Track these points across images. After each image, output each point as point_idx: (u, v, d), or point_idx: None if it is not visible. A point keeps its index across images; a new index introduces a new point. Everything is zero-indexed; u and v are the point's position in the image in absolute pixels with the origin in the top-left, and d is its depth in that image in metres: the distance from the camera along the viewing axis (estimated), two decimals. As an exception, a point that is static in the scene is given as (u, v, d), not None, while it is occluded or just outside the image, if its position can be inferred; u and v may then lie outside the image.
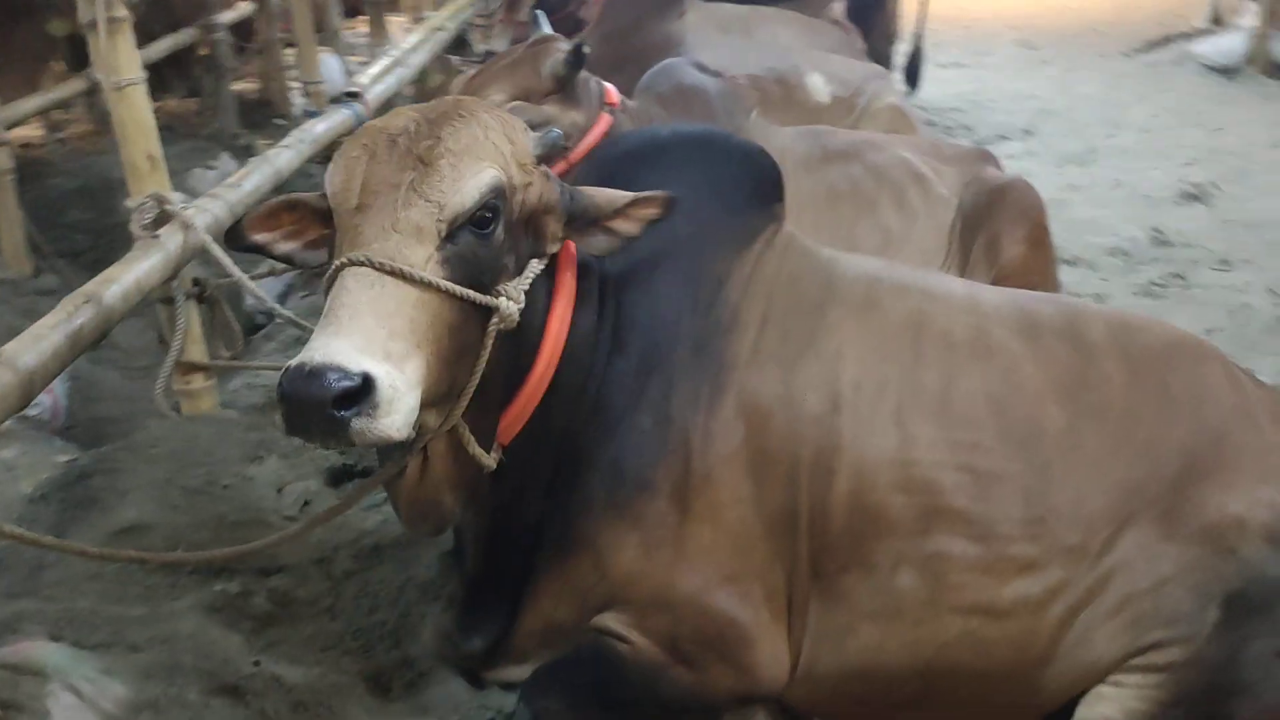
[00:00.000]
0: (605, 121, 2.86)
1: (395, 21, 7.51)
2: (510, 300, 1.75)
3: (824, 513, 1.92)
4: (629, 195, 1.87)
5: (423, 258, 1.66)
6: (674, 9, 4.84)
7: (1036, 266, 3.22)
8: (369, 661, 2.25)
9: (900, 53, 6.72)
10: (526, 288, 1.81)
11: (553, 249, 1.89)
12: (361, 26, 8.10)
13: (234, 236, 1.96)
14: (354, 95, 3.74)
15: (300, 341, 3.32)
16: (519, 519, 2.02)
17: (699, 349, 1.99)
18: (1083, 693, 1.92)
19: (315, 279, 3.21)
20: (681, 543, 1.93)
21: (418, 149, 1.73)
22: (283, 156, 2.92)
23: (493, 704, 2.14)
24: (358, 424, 1.51)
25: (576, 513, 1.97)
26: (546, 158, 1.86)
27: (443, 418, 1.74)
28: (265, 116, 6.67)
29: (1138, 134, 6.80)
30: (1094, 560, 1.89)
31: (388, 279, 1.61)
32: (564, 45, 2.87)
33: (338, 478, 2.78)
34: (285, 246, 1.93)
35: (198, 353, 2.78)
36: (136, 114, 2.62)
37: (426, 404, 1.63)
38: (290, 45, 6.50)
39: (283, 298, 3.97)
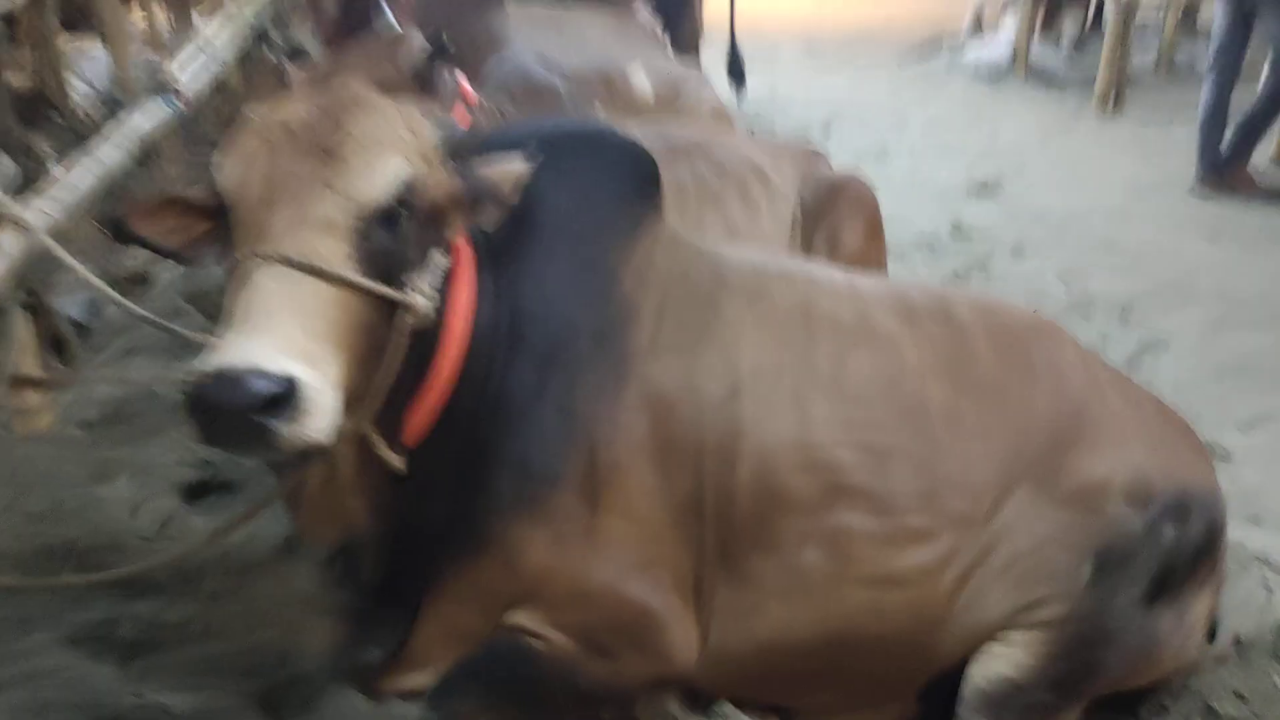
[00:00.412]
0: (461, 116, 2.82)
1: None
2: (422, 295, 1.72)
3: (729, 497, 1.97)
4: (516, 164, 1.83)
5: (336, 253, 1.60)
6: (494, 4, 4.81)
7: (873, 257, 3.40)
8: (256, 682, 2.14)
9: (708, 55, 6.88)
10: (435, 282, 1.78)
11: (454, 240, 1.86)
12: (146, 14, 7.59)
13: (119, 231, 1.84)
14: (171, 89, 3.53)
15: (131, 352, 3.12)
16: (422, 522, 1.98)
17: (598, 341, 2.00)
18: (975, 651, 2.06)
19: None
20: (592, 535, 1.94)
21: (321, 140, 1.67)
22: (111, 154, 2.73)
23: (395, 714, 2.07)
24: (284, 429, 1.44)
25: (484, 512, 1.95)
26: (447, 150, 1.83)
27: (355, 420, 1.68)
28: (42, 113, 6.15)
29: (924, 134, 7.25)
30: (981, 526, 2.03)
31: (302, 275, 1.55)
32: (418, 38, 2.81)
33: (195, 494, 2.62)
34: (171, 241, 1.83)
35: (31, 366, 2.55)
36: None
37: (343, 406, 1.58)
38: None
39: (94, 305, 3.69)
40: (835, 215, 3.42)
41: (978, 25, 10.91)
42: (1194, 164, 6.16)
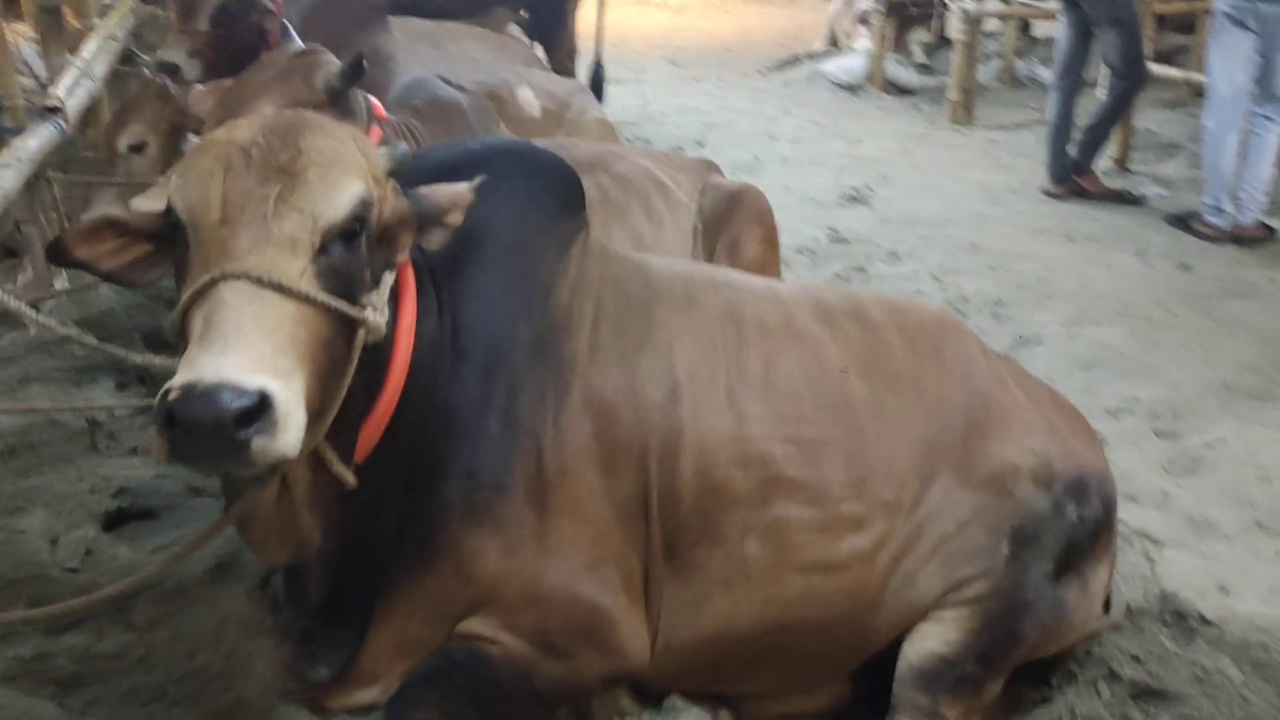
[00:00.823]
0: (376, 135, 2.83)
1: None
2: (376, 311, 1.75)
3: (673, 494, 2.06)
4: (462, 188, 1.90)
5: (298, 271, 1.64)
6: (379, 24, 4.82)
7: (770, 263, 3.55)
8: (200, 709, 2.10)
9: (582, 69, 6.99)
10: (385, 299, 1.81)
11: (402, 259, 1.90)
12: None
13: (56, 253, 1.84)
14: (54, 110, 3.41)
15: (25, 380, 3.00)
16: (371, 536, 2.00)
17: (538, 350, 2.07)
18: (907, 631, 2.19)
19: None
20: (543, 538, 2.00)
21: (278, 160, 1.70)
22: (6, 178, 2.65)
23: (355, 727, 2.07)
24: (258, 443, 1.47)
25: (435, 522, 1.99)
26: (395, 171, 1.87)
27: (312, 436, 1.70)
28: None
29: (792, 145, 7.51)
30: (909, 512, 2.16)
31: (268, 293, 1.58)
32: (330, 57, 2.81)
33: (113, 522, 2.56)
34: (110, 264, 1.84)
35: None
36: None
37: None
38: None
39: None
40: (735, 224, 3.56)
41: (832, 40, 11.35)
42: (1043, 169, 6.57)
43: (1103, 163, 6.67)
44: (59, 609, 1.89)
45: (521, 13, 6.86)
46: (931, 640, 2.14)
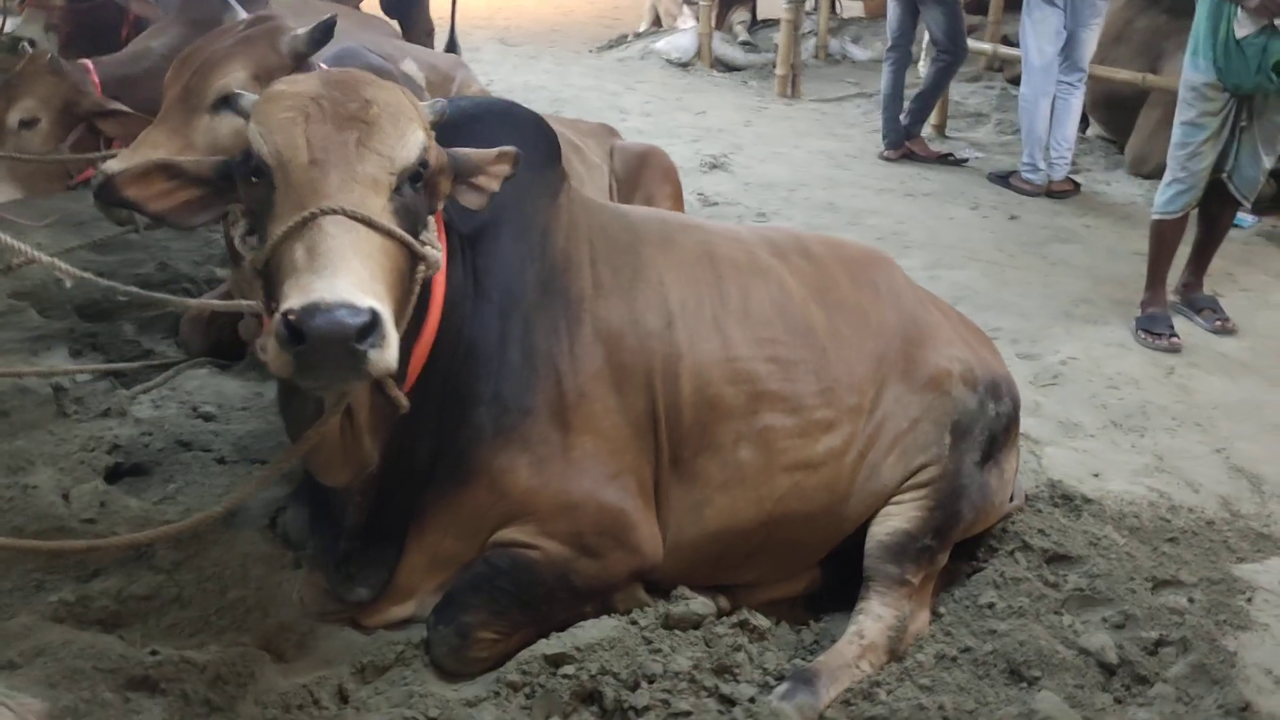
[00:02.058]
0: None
1: None
2: (433, 248, 1.95)
3: (676, 409, 2.34)
4: (492, 152, 2.10)
5: (380, 207, 1.82)
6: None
7: (680, 217, 3.85)
8: (246, 634, 2.24)
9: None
10: (435, 239, 2.02)
11: (441, 205, 2.10)
12: None
13: (107, 192, 1.98)
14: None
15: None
16: (410, 461, 2.19)
17: (545, 289, 2.30)
18: (873, 516, 2.54)
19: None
20: (568, 453, 2.24)
21: (349, 110, 1.88)
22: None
23: (398, 638, 2.25)
24: (374, 355, 1.65)
25: (468, 445, 2.20)
26: (435, 122, 2.06)
27: None
28: None
29: (643, 118, 7.82)
30: (869, 415, 2.51)
31: (360, 226, 1.76)
32: (289, 23, 2.91)
33: (114, 475, 2.63)
34: (158, 205, 2.00)
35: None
36: None
37: None
38: None
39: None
40: (646, 181, 3.85)
41: (655, 20, 11.74)
42: (873, 137, 7.13)
43: (925, 130, 7.29)
44: (149, 534, 1.98)
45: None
46: (896, 520, 2.50)
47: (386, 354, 1.68)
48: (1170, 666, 2.42)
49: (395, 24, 6.55)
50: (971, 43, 7.02)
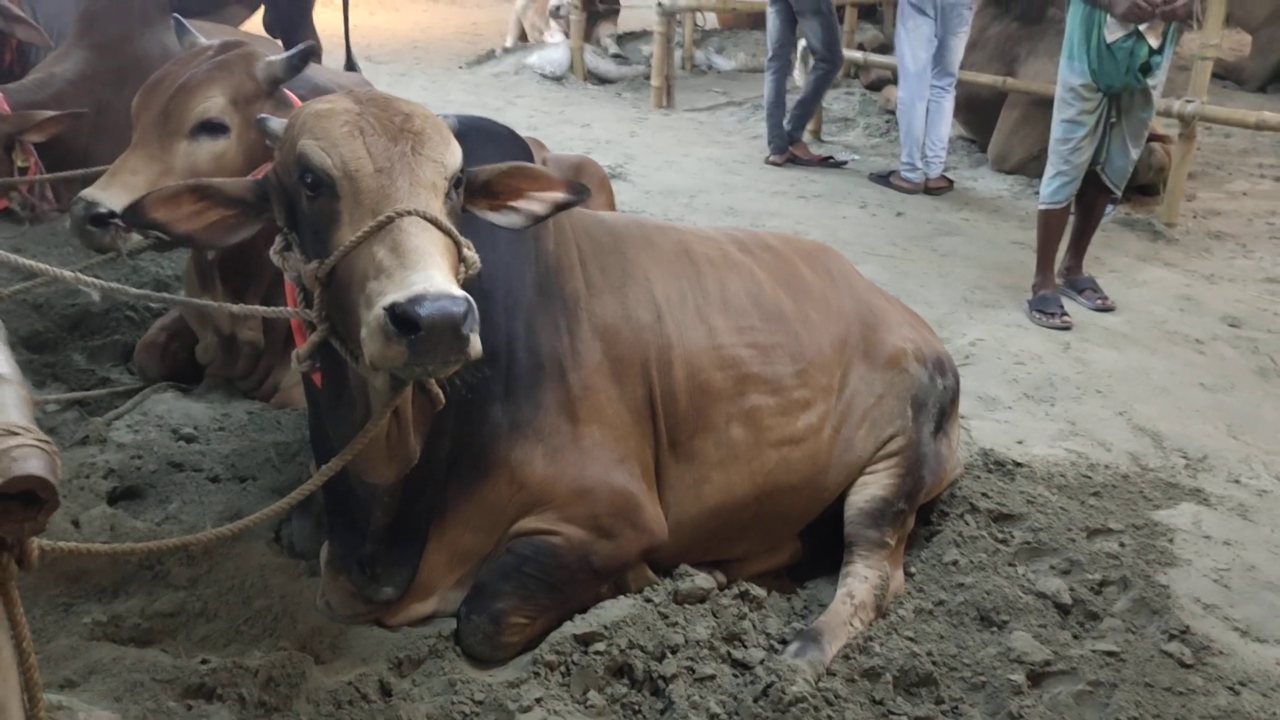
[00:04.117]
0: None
1: None
2: (470, 251, 2.04)
3: (672, 395, 2.52)
4: (504, 166, 2.17)
5: (439, 210, 1.93)
6: (160, 21, 4.77)
7: (615, 225, 4.02)
8: (281, 640, 2.30)
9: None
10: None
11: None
12: None
13: (134, 214, 2.04)
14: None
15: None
16: (433, 460, 2.29)
17: (542, 290, 2.44)
18: (849, 486, 2.77)
19: None
20: (579, 442, 2.39)
21: (394, 124, 1.97)
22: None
23: (427, 632, 2.34)
24: (474, 339, 1.76)
25: (486, 441, 2.32)
26: (457, 135, 2.16)
27: None
28: None
29: (531, 131, 7.88)
30: (839, 393, 2.74)
31: (430, 226, 1.87)
32: (260, 49, 2.96)
33: (112, 499, 2.63)
34: (185, 226, 2.07)
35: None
36: None
37: None
38: None
39: None
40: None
41: (520, 35, 11.88)
42: (752, 144, 7.45)
43: (804, 135, 7.66)
44: (190, 539, 2.02)
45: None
46: (872, 488, 2.73)
47: (476, 340, 1.78)
48: (1115, 603, 2.72)
49: (279, 43, 6.51)
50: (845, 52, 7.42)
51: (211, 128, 2.83)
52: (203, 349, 3.32)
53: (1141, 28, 4.27)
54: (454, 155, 2.00)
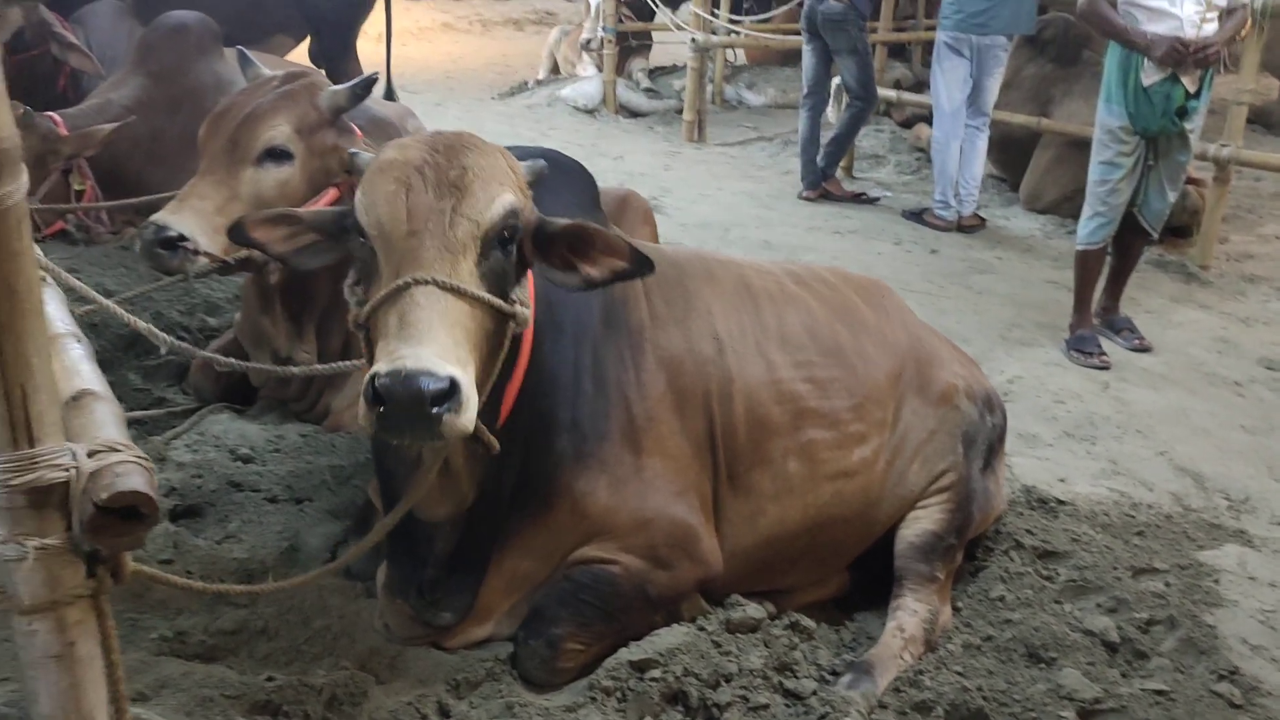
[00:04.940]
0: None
1: None
2: (523, 306, 2.08)
3: (731, 429, 2.55)
4: (574, 225, 2.13)
5: (469, 273, 1.95)
6: (214, 51, 4.88)
7: (660, 258, 4.08)
8: (342, 659, 2.33)
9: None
10: (528, 294, 2.14)
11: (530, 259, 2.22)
12: None
13: (237, 233, 2.15)
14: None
15: None
16: (497, 491, 2.32)
17: (608, 321, 2.48)
18: (899, 520, 2.79)
19: None
20: (641, 474, 2.42)
21: (449, 177, 2.00)
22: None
23: (484, 655, 2.38)
24: (448, 419, 1.79)
25: (551, 471, 2.35)
26: (533, 182, 2.21)
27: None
28: None
29: (565, 163, 8.02)
30: (892, 427, 2.77)
31: (449, 295, 1.90)
32: (324, 79, 3.04)
33: (172, 517, 2.69)
34: (280, 247, 2.17)
35: None
36: None
37: None
38: None
39: None
40: (627, 225, 4.04)
41: (554, 67, 12.02)
42: (784, 178, 7.51)
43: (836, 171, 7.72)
44: (307, 578, 2.10)
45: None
46: (924, 522, 2.75)
47: (462, 418, 1.81)
48: (1163, 642, 2.73)
49: (323, 73, 6.63)
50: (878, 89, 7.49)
51: (277, 155, 2.91)
52: (256, 371, 3.38)
53: (1178, 72, 4.31)
54: (493, 211, 1.99)
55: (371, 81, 3.01)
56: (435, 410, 1.76)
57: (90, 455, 1.48)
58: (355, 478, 2.96)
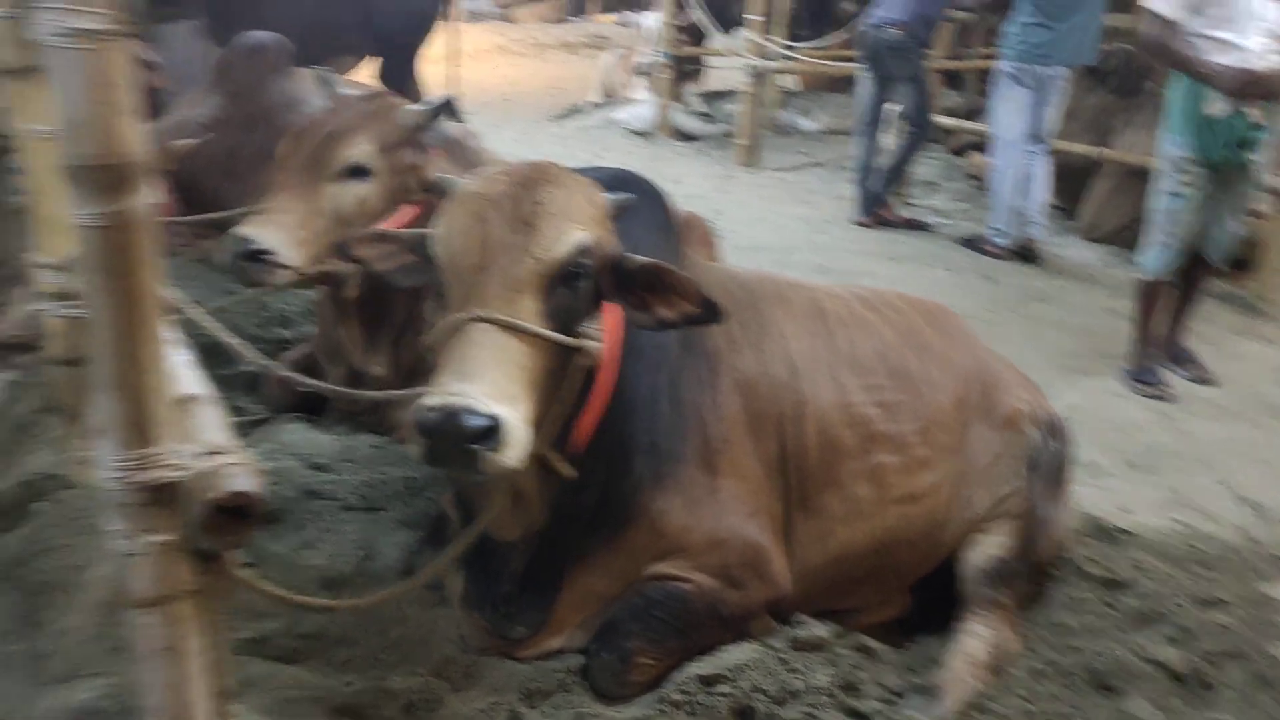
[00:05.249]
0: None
1: None
2: (594, 341, 2.11)
3: (803, 451, 2.58)
4: (652, 265, 2.15)
5: (532, 311, 2.00)
6: (286, 70, 5.00)
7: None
8: (419, 666, 2.39)
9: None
10: (600, 326, 2.16)
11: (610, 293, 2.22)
12: None
13: (345, 251, 2.27)
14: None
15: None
16: (576, 512, 2.37)
17: (685, 345, 2.52)
18: (962, 544, 2.80)
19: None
20: (715, 494, 2.46)
21: (523, 212, 2.05)
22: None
23: (557, 666, 2.42)
24: (490, 456, 1.84)
25: (629, 492, 2.39)
26: (615, 215, 2.25)
27: (539, 443, 2.05)
28: None
29: (621, 185, 8.11)
30: (958, 451, 2.79)
31: (507, 333, 1.94)
32: (400, 99, 3.13)
33: (254, 525, 2.76)
34: (381, 264, 2.28)
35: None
36: None
37: (533, 435, 1.97)
38: None
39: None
40: (690, 247, 4.10)
41: (609, 93, 12.13)
42: (838, 204, 7.53)
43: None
44: (386, 594, 2.18)
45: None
46: (990, 547, 2.76)
47: (505, 455, 1.85)
48: (1230, 674, 2.72)
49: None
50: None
51: (358, 172, 2.99)
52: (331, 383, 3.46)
53: (1244, 104, 4.30)
54: (560, 248, 2.02)
55: (448, 102, 3.09)
56: (475, 446, 1.81)
57: (201, 456, 1.54)
58: (428, 489, 3.03)
